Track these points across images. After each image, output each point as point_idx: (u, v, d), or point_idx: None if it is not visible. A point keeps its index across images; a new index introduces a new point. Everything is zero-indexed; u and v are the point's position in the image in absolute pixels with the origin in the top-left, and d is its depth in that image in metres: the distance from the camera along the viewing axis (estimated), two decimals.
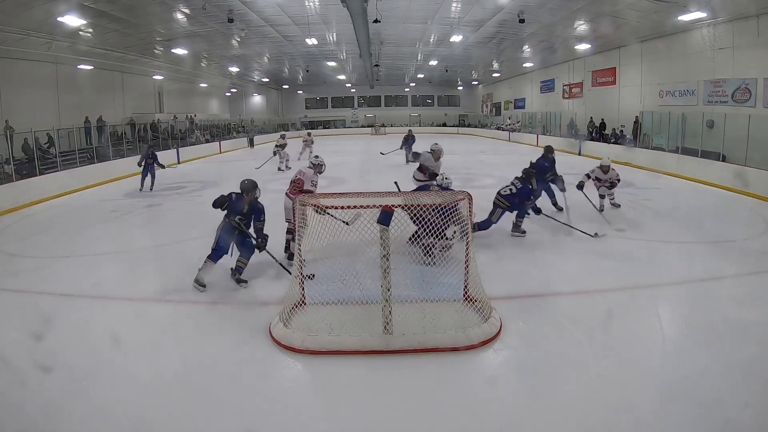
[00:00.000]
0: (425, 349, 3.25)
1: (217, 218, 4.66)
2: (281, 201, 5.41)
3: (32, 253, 6.04)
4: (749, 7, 10.36)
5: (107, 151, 13.68)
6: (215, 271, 4.50)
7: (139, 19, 12.48)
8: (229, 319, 3.91)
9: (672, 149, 12.49)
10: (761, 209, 7.93)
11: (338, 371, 3.11)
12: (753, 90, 10.87)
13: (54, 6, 10.11)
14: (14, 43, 11.30)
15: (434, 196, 4.13)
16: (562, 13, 13.04)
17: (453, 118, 36.33)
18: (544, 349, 3.36)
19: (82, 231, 7.23)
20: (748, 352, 3.24)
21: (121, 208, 8.86)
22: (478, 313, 3.63)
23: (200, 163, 17.33)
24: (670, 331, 3.75)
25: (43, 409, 2.74)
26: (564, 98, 21.13)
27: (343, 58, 21.98)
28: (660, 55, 14.24)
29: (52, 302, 4.34)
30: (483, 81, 32.29)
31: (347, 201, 3.57)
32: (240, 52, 19.26)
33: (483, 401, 2.82)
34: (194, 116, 22.50)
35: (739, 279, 4.69)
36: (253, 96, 33.11)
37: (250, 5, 12.67)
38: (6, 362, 3.27)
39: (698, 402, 2.70)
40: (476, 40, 17.79)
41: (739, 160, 9.71)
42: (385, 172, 13.65)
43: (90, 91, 15.34)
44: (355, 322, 3.46)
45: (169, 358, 3.34)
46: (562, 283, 4.53)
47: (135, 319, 3.98)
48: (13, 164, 9.87)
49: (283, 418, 2.68)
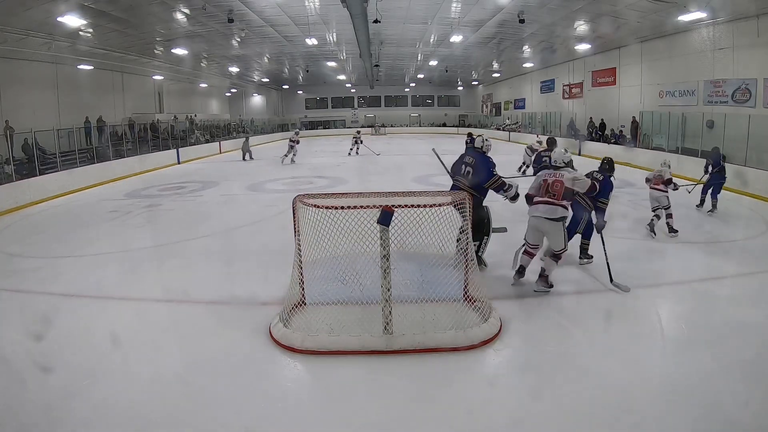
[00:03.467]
0: (425, 349, 3.25)
1: (217, 218, 4.66)
2: (281, 201, 5.40)
3: (32, 253, 6.05)
4: (749, 7, 10.37)
5: (107, 151, 13.69)
6: (215, 271, 4.50)
7: (139, 19, 12.47)
8: (229, 319, 3.91)
9: (672, 149, 12.50)
10: (761, 209, 7.94)
11: (338, 371, 3.11)
12: (753, 90, 10.87)
13: (54, 6, 10.10)
14: (14, 43, 11.29)
15: (434, 197, 4.12)
16: (562, 13, 13.04)
17: (453, 118, 36.34)
18: (544, 349, 3.36)
19: (82, 231, 7.23)
20: (748, 352, 3.24)
21: (121, 208, 8.87)
22: (478, 313, 3.63)
23: (200, 163, 17.35)
24: (670, 331, 3.75)
25: (43, 409, 2.74)
26: (564, 98, 21.13)
27: (343, 58, 21.97)
28: (660, 55, 14.25)
29: (52, 302, 4.34)
30: (483, 81, 32.30)
31: (347, 201, 3.57)
32: (240, 52, 19.25)
33: (483, 401, 2.81)
34: (194, 116, 22.50)
35: (739, 279, 4.70)
36: (253, 96, 33.12)
37: (250, 5, 12.66)
38: (6, 362, 3.27)
39: (698, 402, 2.70)
40: (476, 41, 17.78)
41: (739, 160, 9.71)
42: (385, 172, 13.67)
43: (90, 91, 15.34)
44: (355, 322, 3.46)
45: (169, 358, 3.34)
46: (562, 283, 4.53)
47: (135, 319, 3.98)
48: (13, 164, 9.87)
49: (283, 418, 2.68)
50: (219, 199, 9.64)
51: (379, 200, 3.45)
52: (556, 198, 4.10)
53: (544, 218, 4.09)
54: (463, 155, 5.00)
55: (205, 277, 4.92)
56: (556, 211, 4.08)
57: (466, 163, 4.86)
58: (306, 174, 12.85)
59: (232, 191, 10.59)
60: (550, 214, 4.08)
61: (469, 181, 4.71)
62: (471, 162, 4.81)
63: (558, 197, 4.10)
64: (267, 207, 8.33)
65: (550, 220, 4.07)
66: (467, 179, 4.74)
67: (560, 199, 4.10)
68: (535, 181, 4.29)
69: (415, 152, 18.11)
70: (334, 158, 15.81)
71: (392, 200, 3.50)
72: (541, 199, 4.15)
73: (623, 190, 9.69)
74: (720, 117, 11.10)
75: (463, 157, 4.97)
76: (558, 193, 4.09)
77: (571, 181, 4.08)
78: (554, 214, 4.08)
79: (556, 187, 4.09)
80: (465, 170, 4.82)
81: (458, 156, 5.05)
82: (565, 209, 4.13)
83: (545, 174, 4.23)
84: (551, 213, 4.08)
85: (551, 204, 4.09)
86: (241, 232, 6.86)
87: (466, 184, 4.68)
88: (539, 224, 4.14)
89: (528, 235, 4.30)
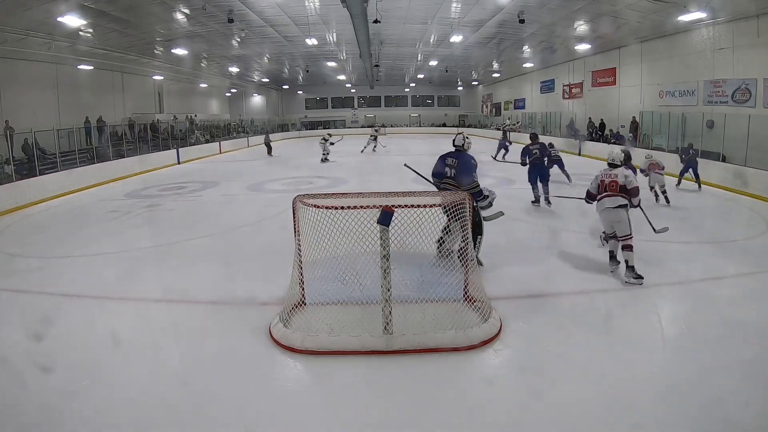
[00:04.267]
0: (425, 349, 3.25)
1: (217, 218, 4.66)
2: (281, 201, 5.40)
3: (32, 253, 6.05)
4: (749, 7, 10.37)
5: (107, 151, 13.69)
6: (215, 271, 4.50)
7: (139, 19, 12.48)
8: (229, 319, 3.91)
9: (672, 149, 12.49)
10: (761, 209, 7.93)
11: (338, 371, 3.11)
12: (753, 90, 10.87)
13: (54, 6, 10.10)
14: (14, 43, 11.30)
15: (434, 197, 4.13)
16: (562, 13, 13.04)
17: (453, 119, 36.34)
18: (544, 349, 3.36)
19: (82, 231, 7.23)
20: (748, 352, 3.24)
21: (121, 208, 8.87)
22: (478, 313, 3.63)
23: (200, 163, 17.35)
24: (670, 331, 3.75)
25: (43, 409, 2.74)
26: (564, 98, 21.13)
27: (343, 59, 21.97)
28: (660, 55, 14.25)
29: (52, 302, 4.34)
30: (483, 81, 32.30)
31: (347, 201, 3.57)
32: (240, 53, 19.25)
33: (483, 401, 2.81)
34: (194, 116, 22.51)
35: (739, 279, 4.70)
36: (253, 96, 33.12)
37: (250, 5, 12.66)
38: (6, 362, 3.27)
39: (698, 402, 2.70)
40: (476, 41, 17.78)
41: (739, 160, 9.71)
42: (385, 172, 13.67)
43: (90, 91, 15.35)
44: (355, 322, 3.46)
45: (169, 358, 3.34)
46: (562, 283, 4.53)
47: (135, 319, 3.98)
48: (13, 164, 9.87)
49: (283, 418, 2.68)
50: (219, 199, 9.64)
51: (379, 200, 3.45)
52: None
53: (609, 208, 4.61)
54: (444, 157, 4.91)
55: (205, 277, 4.92)
56: (616, 200, 4.59)
57: (449, 165, 4.79)
58: (306, 174, 12.85)
59: (232, 191, 10.59)
60: (613, 203, 4.60)
61: (456, 181, 4.71)
62: (453, 163, 4.77)
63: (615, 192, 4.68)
64: (267, 207, 8.33)
65: (614, 208, 4.58)
66: (454, 180, 4.72)
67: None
68: (594, 182, 4.87)
69: (415, 152, 18.11)
70: (334, 157, 15.79)
71: (392, 200, 3.50)
72: (603, 194, 4.71)
73: None
74: (720, 117, 11.09)
75: (444, 159, 4.88)
76: (614, 191, 4.65)
77: (624, 178, 4.62)
78: (616, 203, 4.59)
79: (613, 186, 4.66)
80: (450, 172, 4.77)
81: (438, 158, 4.94)
82: (624, 198, 4.59)
83: (603, 174, 4.76)
84: (613, 202, 4.60)
85: (612, 195, 4.63)
86: (241, 232, 6.86)
87: (455, 185, 4.68)
88: (607, 215, 4.68)
89: (604, 227, 4.90)
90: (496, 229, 6.11)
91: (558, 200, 7.47)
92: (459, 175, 4.71)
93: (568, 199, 6.80)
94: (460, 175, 4.70)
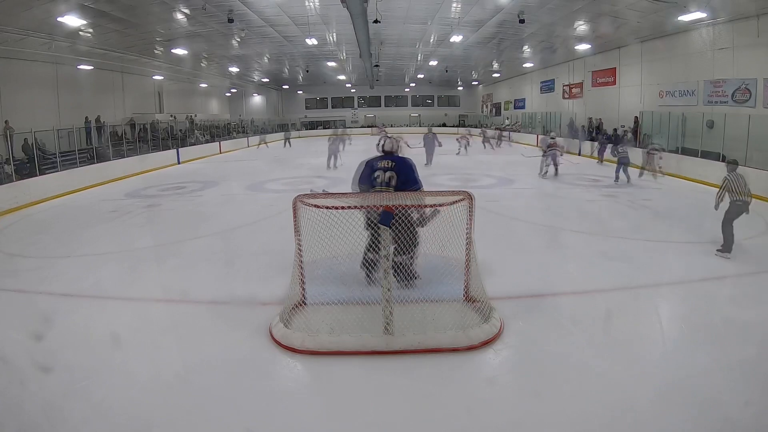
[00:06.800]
0: (425, 350, 3.25)
1: (217, 218, 4.66)
2: (281, 201, 5.40)
3: (32, 253, 6.05)
4: (749, 7, 10.37)
5: (107, 151, 13.69)
6: (215, 271, 4.50)
7: (139, 19, 12.48)
8: (229, 319, 3.91)
9: (672, 149, 12.49)
10: (761, 209, 7.93)
11: (338, 371, 3.11)
12: (753, 90, 10.87)
13: (54, 6, 10.10)
14: (14, 43, 11.29)
15: (434, 197, 4.13)
16: (562, 13, 13.04)
17: (453, 119, 36.31)
18: (544, 349, 3.36)
19: (82, 231, 7.23)
20: (748, 352, 3.25)
21: (121, 208, 8.87)
22: (479, 313, 3.63)
23: (200, 163, 17.35)
24: (670, 331, 3.75)
25: (43, 409, 2.74)
26: (564, 98, 21.13)
27: (343, 59, 21.97)
28: (660, 55, 14.25)
29: (52, 302, 4.34)
30: (483, 81, 32.29)
31: (347, 201, 3.57)
32: (240, 52, 19.26)
33: (483, 401, 2.82)
34: (194, 116, 22.50)
35: (739, 279, 4.70)
36: (253, 96, 33.12)
37: (250, 5, 12.66)
38: (6, 362, 3.27)
39: (698, 402, 2.70)
40: (476, 41, 17.78)
41: (739, 160, 9.69)
42: None
43: (90, 91, 15.34)
44: (356, 322, 3.46)
45: (169, 358, 3.34)
46: (562, 283, 4.53)
47: (135, 319, 3.98)
48: (13, 164, 9.87)
49: (283, 418, 2.68)
50: (219, 199, 9.64)
51: (379, 200, 3.45)
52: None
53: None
54: (371, 162, 4.24)
55: (205, 277, 4.92)
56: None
57: (382, 168, 4.14)
58: (306, 174, 12.85)
59: (232, 191, 10.59)
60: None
61: (396, 188, 4.09)
62: (390, 166, 4.12)
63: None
64: (267, 207, 8.33)
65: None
66: (392, 187, 4.09)
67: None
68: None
69: (415, 152, 18.08)
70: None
71: (392, 200, 3.51)
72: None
73: (623, 190, 9.70)
74: (720, 117, 11.10)
75: (372, 164, 4.21)
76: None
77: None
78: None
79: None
80: (385, 177, 4.10)
81: (362, 164, 4.30)
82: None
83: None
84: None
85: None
86: (241, 232, 6.86)
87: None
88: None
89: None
90: (496, 229, 6.11)
91: (558, 200, 7.47)
92: (399, 180, 4.07)
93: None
94: (402, 178, 4.07)
